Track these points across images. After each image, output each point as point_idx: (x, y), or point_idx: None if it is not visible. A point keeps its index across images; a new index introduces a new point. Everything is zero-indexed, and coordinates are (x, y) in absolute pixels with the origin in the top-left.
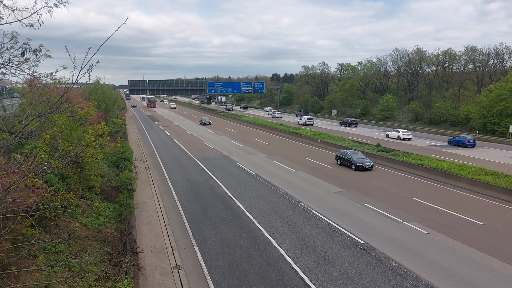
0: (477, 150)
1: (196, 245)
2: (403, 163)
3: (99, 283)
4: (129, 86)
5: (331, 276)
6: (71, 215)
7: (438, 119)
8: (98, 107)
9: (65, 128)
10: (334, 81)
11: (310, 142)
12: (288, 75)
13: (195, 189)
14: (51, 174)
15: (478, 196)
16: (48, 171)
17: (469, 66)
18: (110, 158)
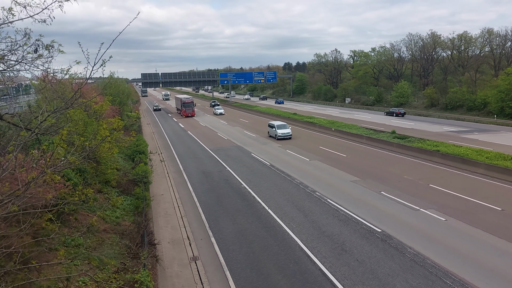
0: (495, 135)
1: (213, 236)
2: (419, 149)
3: (118, 275)
4: (142, 79)
5: (349, 265)
6: (89, 209)
7: (454, 104)
8: (113, 101)
9: (80, 123)
10: (347, 69)
11: (324, 131)
12: (301, 63)
13: (210, 181)
14: (69, 169)
15: (497, 181)
16: (65, 167)
17: (486, 49)
18: (126, 151)
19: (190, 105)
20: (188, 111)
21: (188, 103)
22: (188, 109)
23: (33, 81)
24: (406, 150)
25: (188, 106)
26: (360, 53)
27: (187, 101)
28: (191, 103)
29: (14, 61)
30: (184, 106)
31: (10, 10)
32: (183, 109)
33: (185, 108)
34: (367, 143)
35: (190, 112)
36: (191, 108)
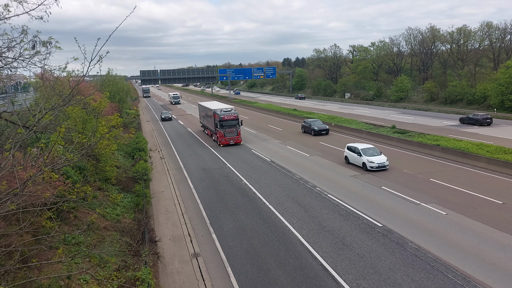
0: (495, 128)
1: (214, 233)
2: (419, 144)
3: (119, 272)
4: (141, 76)
5: (350, 260)
6: (89, 207)
7: (454, 98)
8: (112, 98)
9: (78, 121)
10: (346, 64)
11: None
12: (300, 59)
13: (211, 177)
14: (68, 166)
15: (498, 175)
16: (64, 164)
17: (485, 42)
18: (125, 148)
19: (233, 123)
20: (230, 135)
21: (230, 121)
22: (230, 131)
23: (31, 79)
24: (406, 144)
25: (230, 125)
26: (359, 48)
27: (228, 117)
28: (235, 121)
29: (11, 58)
30: (223, 126)
31: (6, 6)
32: (219, 132)
33: (225, 129)
34: (367, 138)
35: (233, 137)
36: (235, 129)
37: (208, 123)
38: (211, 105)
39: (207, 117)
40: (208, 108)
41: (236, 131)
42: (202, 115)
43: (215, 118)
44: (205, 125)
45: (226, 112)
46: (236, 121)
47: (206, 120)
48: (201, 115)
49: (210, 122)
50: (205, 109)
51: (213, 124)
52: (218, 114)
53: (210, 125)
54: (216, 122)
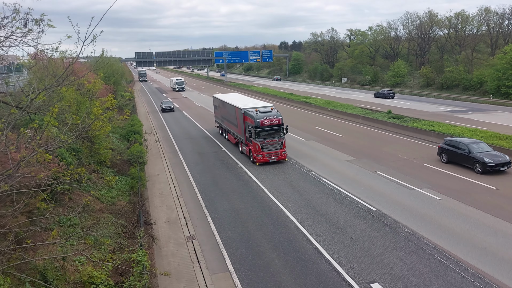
0: (491, 114)
1: (209, 216)
2: (414, 129)
3: (114, 254)
4: (136, 58)
5: (343, 243)
6: (84, 189)
7: (450, 84)
8: (107, 80)
9: (73, 102)
10: (343, 48)
11: (320, 111)
12: (297, 43)
13: (206, 161)
14: (62, 148)
15: None
16: (58, 146)
17: (483, 28)
18: (120, 131)
19: (276, 131)
20: (271, 148)
21: (272, 128)
22: (272, 143)
23: (24, 60)
24: (401, 129)
25: (271, 134)
26: (356, 32)
27: (269, 122)
28: (279, 127)
29: (3, 37)
30: (261, 136)
31: None
32: (254, 144)
33: (264, 139)
34: (363, 123)
35: (275, 151)
36: (279, 139)
37: (231, 126)
38: (235, 100)
39: (229, 117)
40: (231, 105)
41: (279, 143)
42: (221, 113)
43: (247, 122)
44: (225, 127)
45: (265, 115)
46: (280, 127)
47: (227, 122)
48: (219, 113)
49: (235, 126)
50: (224, 106)
51: (241, 129)
52: (253, 117)
53: (236, 129)
54: (250, 129)
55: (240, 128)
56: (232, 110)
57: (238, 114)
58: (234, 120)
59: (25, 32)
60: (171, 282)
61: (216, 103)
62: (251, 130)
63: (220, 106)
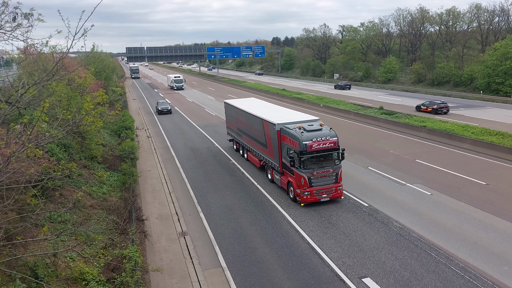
0: (481, 110)
1: (201, 212)
2: (406, 125)
3: (106, 250)
4: (127, 53)
5: (335, 238)
6: (75, 185)
7: (441, 80)
8: (98, 75)
9: (63, 97)
10: (335, 44)
11: (312, 107)
12: (289, 38)
13: (198, 157)
14: (53, 144)
15: (482, 156)
16: (48, 141)
17: (473, 24)
18: (111, 127)
19: (329, 156)
20: (322, 182)
21: (323, 153)
22: (324, 174)
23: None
24: (393, 125)
25: (323, 162)
26: (349, 28)
27: (320, 144)
28: (334, 152)
29: None
30: (307, 165)
31: None
32: (298, 176)
33: (313, 169)
34: (355, 119)
35: (329, 186)
36: (333, 169)
37: (255, 145)
38: (260, 110)
39: (252, 132)
40: (257, 118)
41: (334, 175)
42: (237, 124)
43: (286, 143)
44: (243, 144)
45: (314, 135)
46: (335, 151)
47: (247, 137)
48: (234, 124)
49: (262, 145)
50: (244, 116)
51: (274, 151)
52: (297, 138)
53: (264, 150)
54: (292, 155)
55: (273, 150)
56: (258, 124)
57: (269, 130)
58: (260, 137)
59: (14, 26)
60: (164, 278)
61: (230, 112)
62: (293, 157)
63: (237, 116)
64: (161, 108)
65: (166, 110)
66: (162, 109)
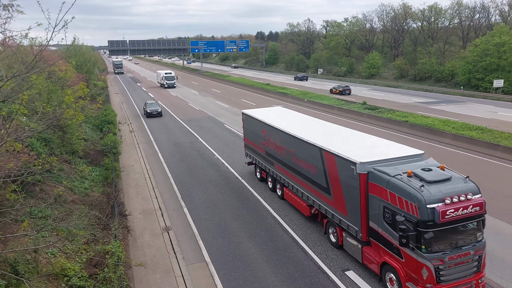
0: (461, 105)
1: (185, 207)
2: (388, 120)
3: (88, 246)
4: (109, 46)
5: (319, 232)
6: (56, 180)
7: (423, 76)
8: (79, 69)
9: (43, 90)
10: (319, 39)
11: (296, 102)
12: (273, 33)
13: (182, 152)
14: (33, 138)
15: (462, 151)
16: (28, 135)
17: (455, 21)
18: (93, 121)
19: (469, 228)
20: (457, 274)
21: (461, 221)
22: (461, 262)
23: None
24: (376, 120)
25: (459, 236)
26: (333, 23)
27: (457, 210)
28: (478, 219)
29: None
30: (433, 244)
31: None
32: (417, 265)
33: (441, 253)
34: (338, 114)
35: (468, 279)
36: (477, 250)
37: (303, 183)
38: (313, 132)
39: (296, 161)
40: (310, 144)
41: (476, 259)
42: (267, 147)
43: (388, 201)
44: (277, 175)
45: (444, 189)
46: (480, 219)
47: (286, 169)
48: (258, 145)
49: (316, 186)
50: (282, 138)
51: (344, 203)
52: (415, 197)
53: (322, 196)
54: (403, 227)
55: (344, 202)
56: (312, 154)
57: (339, 170)
58: (316, 175)
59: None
60: (147, 273)
61: (252, 127)
62: (406, 230)
63: (266, 135)
64: (150, 110)
65: (156, 112)
66: (152, 111)
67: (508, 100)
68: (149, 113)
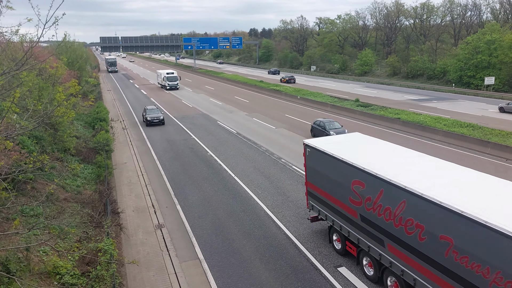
0: (453, 103)
1: (178, 204)
2: (381, 117)
3: (80, 244)
4: (101, 43)
5: (311, 229)
6: (47, 178)
7: (415, 73)
8: (71, 66)
9: (34, 87)
10: (313, 36)
11: (289, 99)
12: (267, 30)
13: (175, 149)
14: (24, 135)
15: (454, 147)
16: (19, 132)
17: (447, 18)
18: (85, 118)
19: None
20: None
21: None
22: None
23: None
24: (368, 117)
25: None
26: (326, 20)
27: None
28: None
29: None
30: None
31: None
32: None
33: None
34: (332, 111)
35: None
36: None
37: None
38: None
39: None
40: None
41: None
42: (362, 211)
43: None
44: (382, 255)
45: None
46: None
47: (412, 255)
48: (340, 201)
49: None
50: (445, 221)
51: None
52: None
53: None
54: None
55: None
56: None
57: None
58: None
59: None
60: (141, 270)
61: (328, 169)
62: None
63: (368, 192)
64: (150, 118)
65: (157, 120)
66: (152, 118)
67: (499, 98)
68: (150, 121)
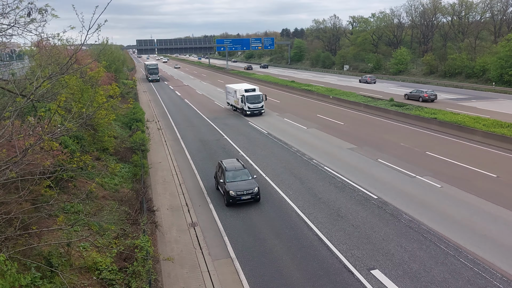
0: (493, 102)
1: (211, 203)
2: (416, 117)
3: (118, 240)
4: (137, 46)
5: (344, 231)
6: (87, 176)
7: (453, 72)
8: (108, 68)
9: (76, 90)
10: (346, 35)
11: (321, 99)
12: (299, 30)
13: (208, 149)
14: (66, 136)
15: (493, 149)
16: (62, 133)
17: (486, 15)
18: (122, 119)
19: None
20: None
21: None
22: None
23: (25, 47)
24: (403, 117)
25: None
26: (359, 19)
27: None
28: None
29: (6, 25)
30: None
31: None
32: None
33: None
34: (365, 111)
35: None
36: None
37: None
38: None
39: None
40: None
41: None
42: None
43: None
44: None
45: None
46: None
47: None
48: None
49: None
50: None
51: None
52: None
53: None
54: None
55: None
56: None
57: None
58: None
59: (28, 21)
60: (175, 267)
61: None
62: None
63: None
64: (235, 194)
65: (250, 197)
66: (240, 194)
67: None
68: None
